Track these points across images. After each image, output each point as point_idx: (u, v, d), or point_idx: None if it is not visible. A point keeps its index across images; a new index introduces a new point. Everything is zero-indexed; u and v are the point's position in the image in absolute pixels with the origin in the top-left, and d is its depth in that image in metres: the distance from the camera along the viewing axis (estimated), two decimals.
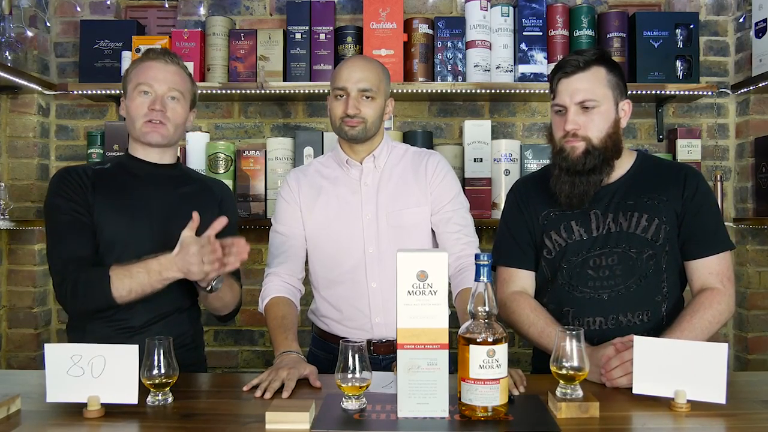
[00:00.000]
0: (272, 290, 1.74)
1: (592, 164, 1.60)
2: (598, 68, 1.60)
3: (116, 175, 1.71)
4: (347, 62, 1.78)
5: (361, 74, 1.73)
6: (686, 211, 1.63)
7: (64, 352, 1.29)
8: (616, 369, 1.42)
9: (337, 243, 1.77)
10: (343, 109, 1.72)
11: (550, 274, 1.70)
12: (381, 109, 1.77)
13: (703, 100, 2.74)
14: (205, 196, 1.78)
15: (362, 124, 1.73)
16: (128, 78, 1.71)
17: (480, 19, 2.56)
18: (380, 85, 1.75)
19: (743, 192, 2.71)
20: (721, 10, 2.76)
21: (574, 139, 1.60)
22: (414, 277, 1.23)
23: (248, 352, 2.79)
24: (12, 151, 2.68)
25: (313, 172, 1.85)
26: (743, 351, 2.68)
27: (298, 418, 1.19)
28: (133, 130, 1.71)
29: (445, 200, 1.79)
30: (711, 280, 1.61)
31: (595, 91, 1.59)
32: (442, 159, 1.85)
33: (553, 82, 1.64)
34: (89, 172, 1.70)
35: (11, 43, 2.45)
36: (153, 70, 1.68)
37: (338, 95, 1.74)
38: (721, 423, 1.23)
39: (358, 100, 1.72)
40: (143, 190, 1.70)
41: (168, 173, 1.75)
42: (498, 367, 1.19)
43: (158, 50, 1.73)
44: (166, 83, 1.68)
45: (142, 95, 1.67)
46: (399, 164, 1.83)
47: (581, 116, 1.59)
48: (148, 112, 1.67)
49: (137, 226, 1.66)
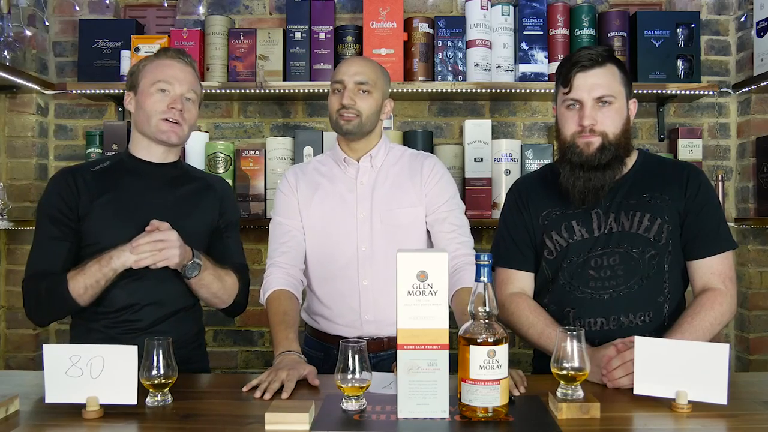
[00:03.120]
0: (274, 282, 1.74)
1: (606, 159, 1.58)
2: (611, 65, 1.60)
3: (117, 176, 1.70)
4: (346, 59, 1.84)
5: (358, 68, 1.76)
6: (689, 210, 1.62)
7: (62, 353, 1.28)
8: (617, 369, 1.41)
9: (331, 240, 1.79)
10: (340, 101, 1.74)
11: (551, 275, 1.69)
12: (378, 106, 1.78)
13: (705, 100, 2.74)
14: (207, 194, 1.78)
15: (357, 119, 1.74)
16: (142, 73, 1.70)
17: (480, 19, 2.56)
18: (377, 81, 1.77)
19: (744, 192, 2.70)
20: (723, 9, 2.76)
21: (591, 135, 1.58)
22: (414, 278, 1.23)
23: (248, 353, 2.78)
24: (10, 150, 2.67)
25: (311, 170, 1.87)
26: (744, 351, 2.67)
27: (298, 419, 1.18)
28: (146, 126, 1.69)
29: (441, 201, 1.79)
30: (713, 281, 1.60)
31: (612, 87, 1.58)
32: (438, 161, 1.87)
33: (565, 76, 1.60)
34: (88, 175, 1.68)
35: (10, 42, 2.45)
36: (173, 69, 1.69)
37: (336, 89, 1.77)
38: (723, 424, 1.23)
39: (354, 92, 1.74)
40: (145, 192, 1.69)
41: (170, 173, 1.75)
42: (498, 367, 1.18)
43: (176, 50, 1.74)
44: (186, 84, 1.69)
45: (159, 93, 1.67)
46: (396, 165, 1.84)
47: (597, 111, 1.58)
48: (166, 110, 1.66)
49: (139, 231, 1.62)
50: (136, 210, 1.66)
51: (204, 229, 1.76)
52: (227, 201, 1.83)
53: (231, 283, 1.74)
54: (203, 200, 1.75)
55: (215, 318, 2.77)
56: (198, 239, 1.71)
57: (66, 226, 1.64)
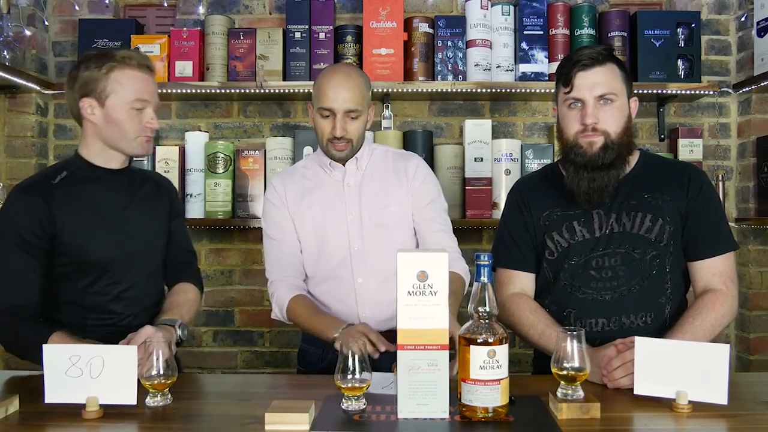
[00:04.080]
0: (286, 294, 1.77)
1: (610, 159, 1.58)
2: (611, 63, 1.60)
3: (81, 186, 1.65)
4: (331, 79, 1.74)
5: (346, 94, 1.72)
6: (690, 210, 1.62)
7: (62, 353, 1.28)
8: (617, 369, 1.41)
9: (324, 241, 1.80)
10: (330, 130, 1.74)
11: (552, 275, 1.69)
12: (365, 123, 1.80)
13: (705, 100, 2.74)
14: (159, 192, 1.81)
15: (349, 146, 1.77)
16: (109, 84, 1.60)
17: (480, 18, 2.56)
18: (364, 102, 1.76)
19: (745, 192, 2.70)
20: (723, 8, 2.76)
21: (593, 134, 1.58)
22: (414, 278, 1.22)
23: (247, 353, 2.78)
24: (10, 150, 2.67)
25: (297, 176, 1.88)
26: (745, 352, 2.67)
27: (298, 419, 1.18)
28: (121, 142, 1.64)
29: (426, 201, 1.83)
30: (714, 281, 1.59)
31: (613, 85, 1.58)
32: (421, 161, 1.89)
33: (566, 76, 1.59)
34: (51, 189, 1.61)
35: (9, 42, 2.44)
36: (146, 83, 1.64)
37: (324, 115, 1.75)
38: (723, 424, 1.22)
39: (344, 121, 1.74)
40: (113, 200, 1.68)
41: (126, 177, 1.73)
42: (498, 367, 1.18)
43: (140, 56, 1.66)
44: (156, 96, 1.68)
45: (136, 111, 1.63)
46: (380, 165, 1.87)
47: (599, 110, 1.58)
48: (145, 128, 1.65)
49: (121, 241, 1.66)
50: (111, 221, 1.66)
51: (164, 225, 1.80)
52: (174, 195, 1.87)
53: (194, 296, 1.79)
54: (158, 198, 1.79)
55: (215, 318, 2.77)
56: (162, 236, 1.78)
57: (39, 249, 1.57)
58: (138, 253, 1.70)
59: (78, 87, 1.62)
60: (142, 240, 1.71)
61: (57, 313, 1.62)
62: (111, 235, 1.65)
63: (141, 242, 1.71)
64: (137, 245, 1.69)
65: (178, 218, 1.86)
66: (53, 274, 1.61)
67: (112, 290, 1.65)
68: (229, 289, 2.78)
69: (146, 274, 1.72)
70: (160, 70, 2.55)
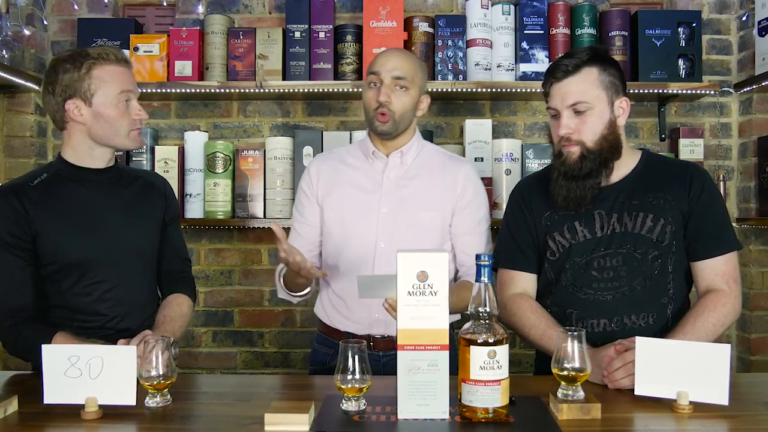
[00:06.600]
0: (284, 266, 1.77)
1: (588, 168, 1.59)
2: (589, 69, 1.58)
3: (61, 187, 1.63)
4: (385, 50, 1.79)
5: (396, 62, 1.71)
6: (692, 210, 1.61)
7: (61, 353, 1.28)
8: (618, 370, 1.40)
9: (349, 232, 1.77)
10: (376, 98, 1.71)
11: (554, 276, 1.68)
12: (414, 103, 1.75)
13: (706, 99, 2.73)
14: (150, 192, 1.78)
15: (391, 119, 1.71)
16: (93, 82, 1.59)
17: (481, 18, 2.55)
18: (415, 77, 1.73)
19: (746, 192, 2.70)
20: (724, 8, 2.75)
21: (568, 144, 1.59)
22: (414, 278, 1.22)
23: (247, 353, 2.78)
24: (9, 150, 2.67)
25: (335, 160, 1.85)
26: (746, 352, 2.67)
27: (298, 419, 1.18)
28: (113, 138, 1.63)
29: (475, 219, 1.80)
30: (717, 282, 1.59)
31: (587, 93, 1.57)
32: (473, 170, 1.84)
33: (545, 87, 1.64)
34: (30, 191, 1.60)
35: (8, 41, 2.44)
36: (128, 76, 1.65)
37: (372, 83, 1.73)
38: (724, 424, 1.22)
39: (391, 89, 1.70)
40: (95, 200, 1.66)
41: (111, 176, 1.71)
42: (499, 368, 1.18)
43: (116, 50, 1.64)
44: (135, 85, 1.68)
45: (124, 103, 1.63)
46: (428, 164, 1.81)
47: (574, 119, 1.58)
48: (135, 119, 1.65)
49: (99, 242, 1.64)
50: (92, 220, 1.64)
51: (155, 227, 1.76)
52: (170, 196, 1.84)
53: (187, 310, 1.76)
54: (148, 198, 1.76)
55: (215, 318, 2.76)
56: (151, 238, 1.74)
57: (23, 250, 1.57)
58: (121, 253, 1.66)
59: (59, 91, 1.60)
60: (125, 239, 1.67)
61: (48, 316, 1.62)
62: (91, 234, 1.62)
63: (125, 242, 1.67)
64: (121, 245, 1.66)
65: (173, 224, 1.82)
66: (40, 276, 1.61)
67: (94, 291, 1.63)
68: (228, 290, 2.77)
69: (132, 275, 1.68)
70: (160, 70, 2.55)
